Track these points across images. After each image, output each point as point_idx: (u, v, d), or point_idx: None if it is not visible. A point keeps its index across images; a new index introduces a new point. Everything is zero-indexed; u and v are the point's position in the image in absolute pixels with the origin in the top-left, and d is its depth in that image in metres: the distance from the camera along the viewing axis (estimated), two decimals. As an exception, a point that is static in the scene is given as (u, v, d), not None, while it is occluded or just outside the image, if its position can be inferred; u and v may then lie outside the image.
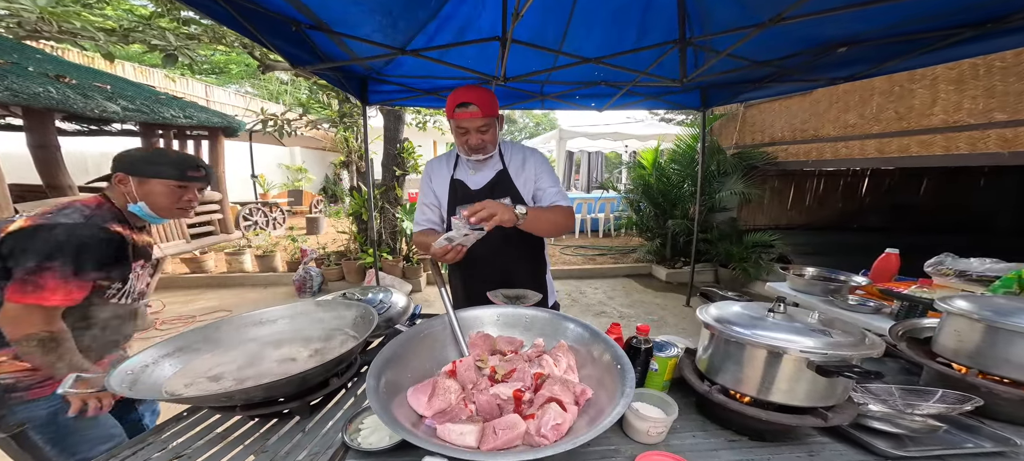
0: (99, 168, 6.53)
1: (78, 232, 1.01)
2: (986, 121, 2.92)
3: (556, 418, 0.72)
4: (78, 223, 1.02)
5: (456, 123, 1.32)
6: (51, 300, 0.96)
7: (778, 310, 0.87)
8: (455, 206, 1.42)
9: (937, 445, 0.79)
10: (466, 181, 1.44)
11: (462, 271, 1.50)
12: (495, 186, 1.42)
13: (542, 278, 1.56)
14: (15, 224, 0.99)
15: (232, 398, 0.82)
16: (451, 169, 1.47)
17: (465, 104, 1.26)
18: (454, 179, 1.45)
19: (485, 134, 1.32)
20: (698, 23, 1.85)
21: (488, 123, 1.31)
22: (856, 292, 1.85)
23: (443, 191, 1.47)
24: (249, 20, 1.48)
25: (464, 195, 1.42)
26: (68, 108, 2.84)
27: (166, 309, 4.22)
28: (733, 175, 4.91)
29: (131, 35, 3.31)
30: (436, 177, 1.49)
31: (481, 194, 1.40)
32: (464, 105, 1.27)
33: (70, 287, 0.98)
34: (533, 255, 1.52)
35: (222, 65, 10.43)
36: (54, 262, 0.96)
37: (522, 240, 1.41)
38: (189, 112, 3.93)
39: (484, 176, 1.44)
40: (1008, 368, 0.88)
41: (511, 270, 1.46)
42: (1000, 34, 1.49)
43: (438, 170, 1.49)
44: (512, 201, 1.39)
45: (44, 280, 0.94)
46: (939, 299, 1.05)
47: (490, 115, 1.30)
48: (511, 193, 1.42)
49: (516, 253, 1.46)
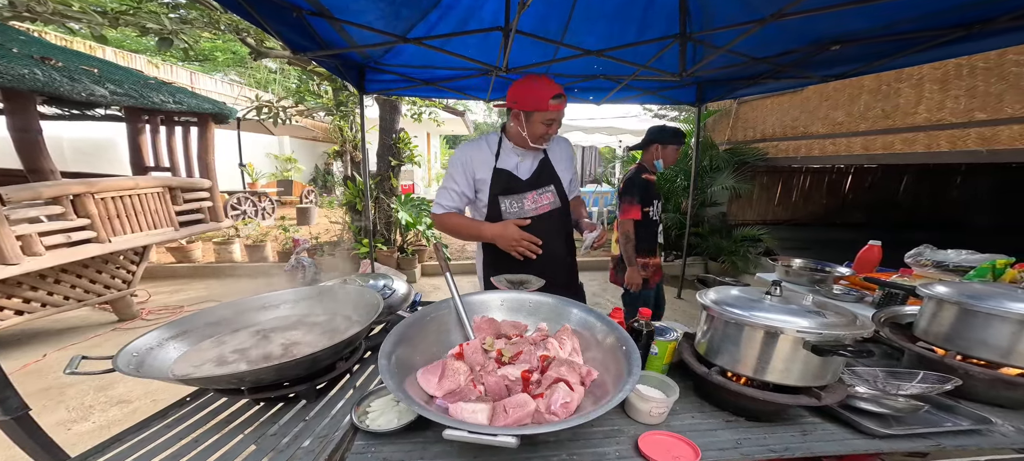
0: (76, 154, 6.32)
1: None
2: (967, 120, 3.03)
3: (564, 397, 0.75)
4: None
5: (548, 114, 1.33)
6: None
7: (775, 293, 0.90)
8: (498, 195, 1.45)
9: (919, 424, 0.84)
10: (512, 170, 1.45)
11: (510, 260, 1.50)
12: (540, 174, 1.48)
13: (576, 269, 1.65)
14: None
15: (243, 379, 0.82)
16: (494, 158, 1.45)
17: (560, 96, 1.32)
18: (498, 168, 1.45)
19: (558, 126, 1.40)
20: (699, 18, 1.87)
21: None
22: (840, 282, 1.92)
23: (485, 180, 1.45)
24: (252, 5, 1.45)
25: (513, 184, 1.45)
26: (54, 91, 2.74)
27: (152, 299, 4.14)
28: (725, 170, 5.00)
29: (123, 18, 3.18)
30: (478, 164, 1.46)
31: (530, 183, 1.46)
32: (559, 97, 1.32)
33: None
34: (571, 250, 1.62)
35: (208, 52, 10.11)
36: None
37: (568, 236, 1.56)
38: (179, 97, 3.81)
39: (529, 164, 1.48)
40: (983, 350, 0.93)
41: (561, 264, 1.54)
42: (986, 35, 1.54)
43: (479, 159, 1.46)
44: (556, 189, 1.48)
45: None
46: (920, 285, 1.10)
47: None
48: (554, 181, 1.48)
49: (566, 249, 1.57)
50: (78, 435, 2.13)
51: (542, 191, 1.46)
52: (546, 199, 1.47)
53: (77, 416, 2.29)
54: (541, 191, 1.46)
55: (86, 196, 2.99)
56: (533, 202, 1.46)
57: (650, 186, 2.34)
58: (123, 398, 2.45)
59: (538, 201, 1.46)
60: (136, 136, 4.04)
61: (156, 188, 3.57)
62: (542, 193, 1.46)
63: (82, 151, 6.42)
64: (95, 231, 3.06)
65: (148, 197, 3.49)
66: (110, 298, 3.40)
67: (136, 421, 0.90)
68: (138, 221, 3.40)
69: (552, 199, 1.48)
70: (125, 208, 3.29)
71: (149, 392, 2.49)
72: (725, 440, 0.80)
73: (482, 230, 1.44)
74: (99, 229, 3.08)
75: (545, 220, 1.45)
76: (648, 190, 2.32)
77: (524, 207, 1.45)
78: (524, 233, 1.37)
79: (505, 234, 1.37)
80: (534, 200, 1.46)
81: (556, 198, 1.48)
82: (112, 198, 3.19)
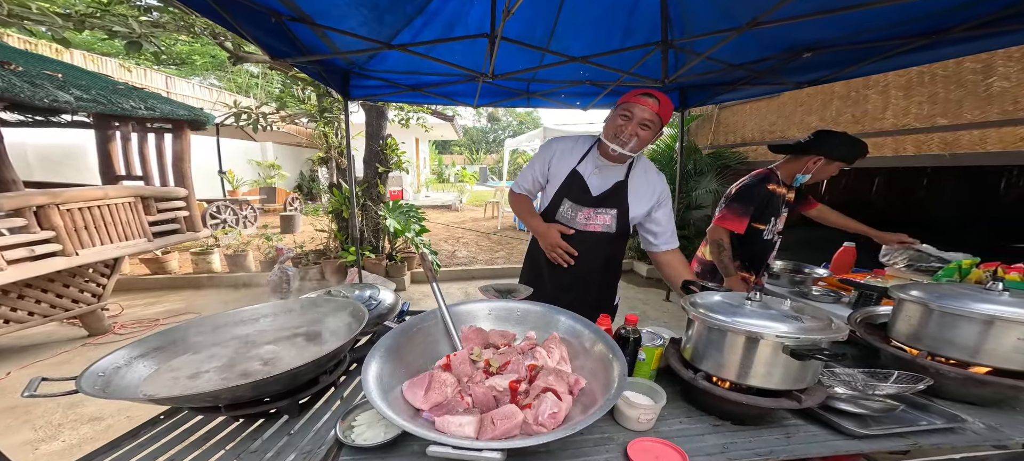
0: (42, 161, 6.01)
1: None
2: (930, 125, 3.18)
3: (552, 407, 0.74)
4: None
5: (625, 107, 1.29)
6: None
7: (755, 298, 0.92)
8: (563, 197, 1.44)
9: (896, 424, 0.87)
10: (587, 179, 1.42)
11: (553, 268, 1.50)
12: (609, 197, 1.41)
13: (616, 284, 1.64)
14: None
15: (218, 397, 0.79)
16: (577, 158, 1.44)
17: (649, 95, 1.26)
18: (575, 171, 1.43)
19: (646, 131, 1.28)
20: (679, 26, 1.92)
21: (654, 122, 1.27)
22: (818, 283, 1.98)
23: (559, 174, 1.45)
24: (227, 9, 1.41)
25: (578, 193, 1.42)
26: (13, 97, 2.60)
27: (124, 312, 3.95)
28: (708, 174, 5.13)
29: (88, 21, 3.05)
30: (561, 157, 1.46)
31: (596, 200, 1.41)
32: (647, 95, 1.26)
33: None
34: (611, 274, 1.59)
35: (185, 56, 9.82)
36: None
37: (610, 260, 1.51)
38: (151, 104, 3.67)
39: (605, 182, 1.42)
40: (952, 350, 0.97)
41: (593, 285, 1.52)
42: (944, 44, 1.64)
43: (567, 152, 1.46)
44: (617, 215, 1.40)
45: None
46: (892, 288, 1.14)
47: (660, 115, 1.27)
48: (620, 207, 1.40)
49: (603, 271, 1.52)
50: (45, 457, 2.01)
51: (602, 212, 1.41)
52: (602, 220, 1.42)
53: (45, 435, 2.16)
54: (601, 211, 1.41)
55: (50, 207, 2.84)
56: (587, 217, 1.42)
57: (774, 200, 1.82)
58: (95, 416, 2.32)
59: (592, 218, 1.42)
60: (106, 143, 3.88)
61: (127, 198, 3.42)
62: (601, 213, 1.41)
63: (49, 159, 6.11)
64: (61, 244, 2.91)
65: (118, 207, 3.34)
66: (79, 313, 3.23)
67: (109, 439, 0.85)
68: (108, 232, 3.25)
69: (607, 222, 1.42)
70: (93, 219, 3.14)
71: (122, 408, 2.36)
72: (712, 445, 0.81)
73: (533, 222, 1.49)
74: (65, 241, 2.93)
75: (590, 238, 1.43)
76: (769, 205, 1.82)
77: (576, 218, 1.43)
78: (562, 241, 1.40)
79: (547, 235, 1.43)
80: (588, 216, 1.42)
81: (613, 222, 1.42)
82: (79, 209, 3.04)
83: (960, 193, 6.37)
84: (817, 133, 1.76)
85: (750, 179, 1.86)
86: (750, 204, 1.80)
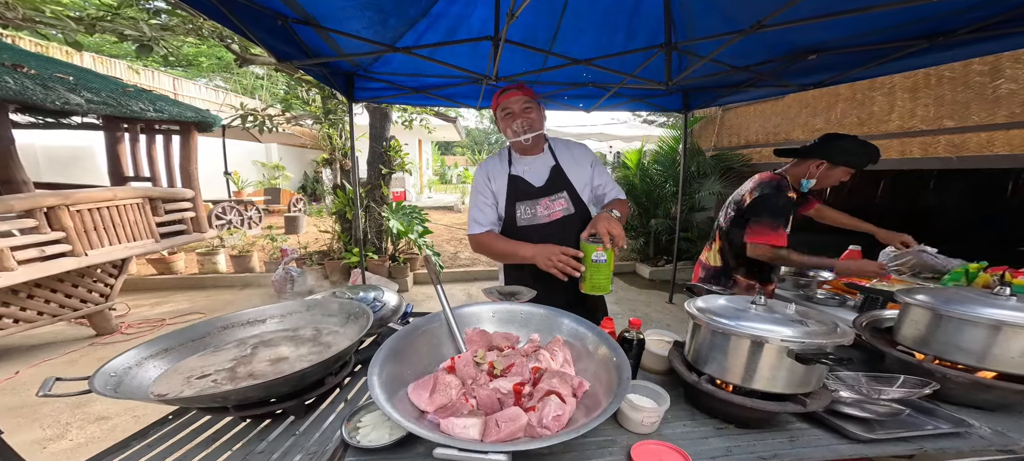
0: (51, 162, 6.10)
1: None
2: (937, 127, 3.16)
3: (556, 410, 0.75)
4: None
5: (502, 108, 1.42)
6: None
7: (759, 302, 0.92)
8: (515, 202, 1.47)
9: (901, 428, 0.86)
10: (525, 177, 1.49)
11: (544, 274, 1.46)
12: (553, 181, 1.49)
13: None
14: None
15: (228, 398, 0.80)
16: (507, 166, 1.51)
17: (507, 89, 1.41)
18: (512, 175, 1.49)
19: (530, 113, 1.41)
20: (682, 29, 1.93)
21: (530, 102, 1.42)
22: (823, 287, 1.97)
23: (502, 188, 1.50)
24: (233, 12, 1.43)
25: (526, 190, 1.48)
26: (26, 99, 2.64)
27: (132, 312, 4.00)
28: (711, 176, 5.11)
29: (99, 24, 3.10)
30: (494, 175, 1.52)
31: (542, 190, 1.48)
32: (506, 89, 1.40)
33: None
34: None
35: (192, 58, 9.92)
36: None
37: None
38: (160, 106, 3.72)
39: (540, 172, 1.50)
40: (959, 354, 0.96)
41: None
42: (949, 47, 1.63)
43: (495, 169, 1.53)
44: (569, 195, 1.47)
45: None
46: (898, 292, 1.14)
47: (529, 94, 1.42)
48: (567, 188, 1.48)
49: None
50: (54, 455, 2.04)
51: (555, 197, 1.48)
52: (559, 205, 1.48)
53: (53, 434, 2.19)
54: (554, 197, 1.48)
55: (61, 208, 2.89)
56: (546, 208, 1.47)
57: (792, 207, 1.77)
58: (102, 415, 2.35)
59: (551, 207, 1.48)
60: (114, 145, 3.93)
61: (135, 199, 3.46)
62: (555, 199, 1.48)
63: (58, 160, 6.20)
64: (70, 244, 2.95)
65: (127, 208, 3.38)
66: (87, 313, 3.27)
67: (116, 439, 0.87)
68: (116, 233, 3.29)
69: (565, 205, 1.48)
70: (102, 220, 3.19)
71: (129, 408, 2.39)
72: (716, 448, 0.81)
73: (519, 250, 1.40)
74: (75, 242, 2.97)
75: (558, 226, 1.47)
76: (791, 212, 1.77)
77: (537, 213, 1.47)
78: (564, 248, 1.28)
79: (545, 251, 1.31)
80: (547, 206, 1.47)
81: (569, 204, 1.48)
82: (88, 210, 3.08)
83: (967, 196, 6.31)
84: (824, 137, 1.71)
85: (770, 190, 1.74)
86: (785, 217, 1.72)
